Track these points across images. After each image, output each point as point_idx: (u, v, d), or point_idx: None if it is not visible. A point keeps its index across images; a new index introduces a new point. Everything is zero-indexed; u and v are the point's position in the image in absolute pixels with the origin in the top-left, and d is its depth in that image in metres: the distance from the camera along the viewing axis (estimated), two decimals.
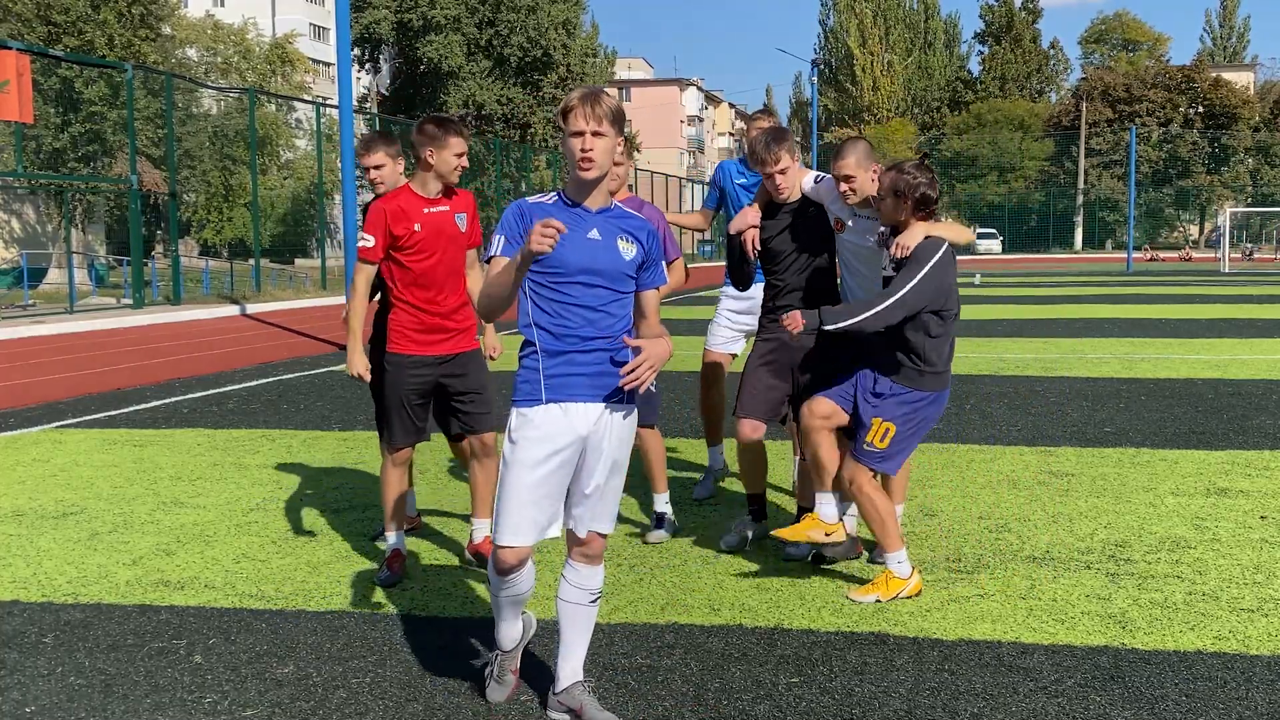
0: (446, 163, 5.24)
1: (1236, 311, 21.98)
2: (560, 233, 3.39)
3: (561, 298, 3.65)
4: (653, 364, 3.59)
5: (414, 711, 3.94)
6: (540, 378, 3.68)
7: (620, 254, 3.69)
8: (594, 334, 3.67)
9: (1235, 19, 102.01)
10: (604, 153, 3.62)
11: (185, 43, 47.78)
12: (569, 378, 3.67)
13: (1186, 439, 8.67)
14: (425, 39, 53.58)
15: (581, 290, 3.65)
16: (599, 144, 3.60)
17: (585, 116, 3.58)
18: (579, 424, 3.68)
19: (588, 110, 3.58)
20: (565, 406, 3.67)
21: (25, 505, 7.06)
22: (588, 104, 3.58)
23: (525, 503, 3.66)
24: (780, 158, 5.47)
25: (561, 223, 3.42)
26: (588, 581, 3.83)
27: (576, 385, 3.68)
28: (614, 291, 3.70)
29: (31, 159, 33.78)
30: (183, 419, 10.39)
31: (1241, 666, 4.23)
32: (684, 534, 6.16)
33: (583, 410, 3.69)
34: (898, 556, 5.05)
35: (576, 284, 3.65)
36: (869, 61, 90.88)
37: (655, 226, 3.83)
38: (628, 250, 3.71)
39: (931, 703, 3.94)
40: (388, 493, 5.46)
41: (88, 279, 33.43)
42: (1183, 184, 79.73)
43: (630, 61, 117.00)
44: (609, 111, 3.60)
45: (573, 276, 3.64)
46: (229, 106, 42.56)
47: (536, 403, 3.68)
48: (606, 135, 3.60)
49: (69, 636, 4.72)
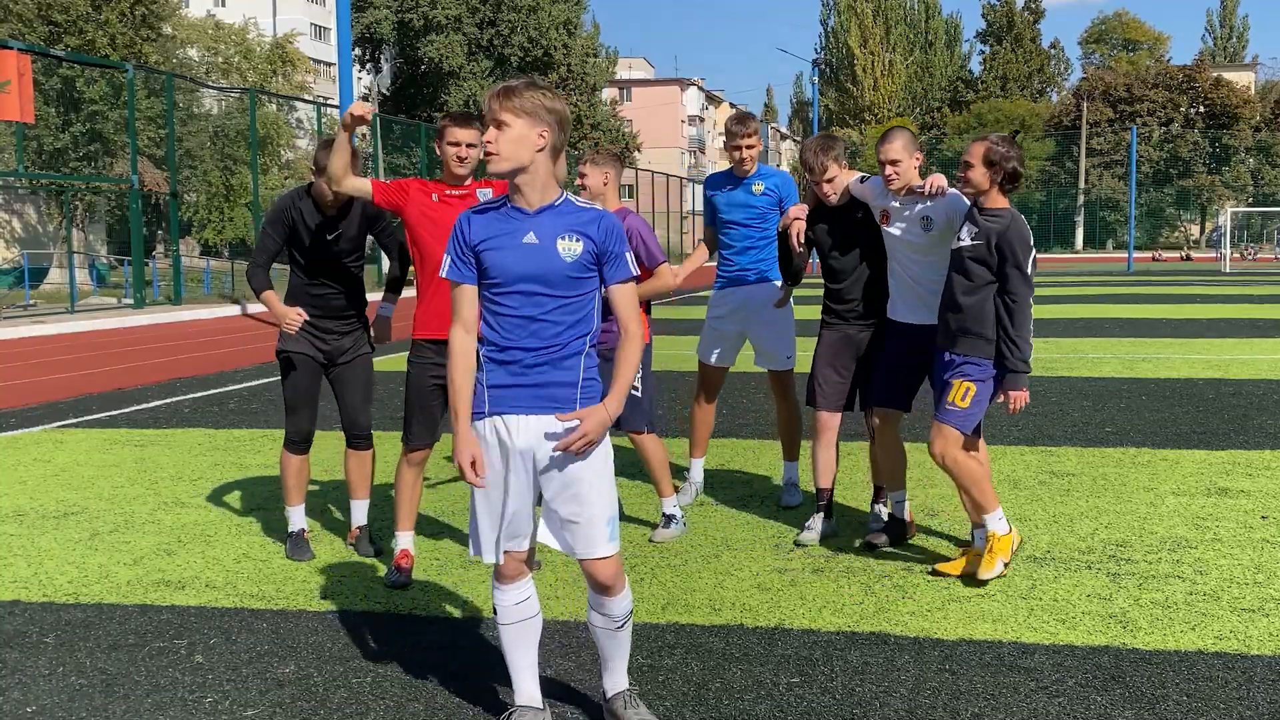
0: (445, 152, 5.34)
1: (1237, 311, 21.97)
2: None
3: (501, 309, 3.50)
4: (590, 438, 3.44)
5: (415, 711, 3.94)
6: (484, 389, 3.57)
7: (560, 255, 3.47)
8: (537, 344, 3.49)
9: (1235, 19, 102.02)
10: (509, 143, 3.42)
11: (186, 42, 47.75)
12: (510, 389, 3.53)
13: (1187, 439, 8.67)
14: (426, 39, 53.59)
15: (521, 300, 3.48)
16: (501, 135, 3.42)
17: (487, 108, 3.45)
18: (519, 439, 3.52)
19: (493, 102, 3.44)
20: (506, 419, 3.54)
21: (26, 505, 7.06)
22: (495, 99, 3.45)
23: (487, 518, 3.59)
24: (828, 167, 5.75)
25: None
26: (607, 608, 3.64)
27: (518, 397, 3.52)
28: (558, 297, 3.49)
29: (32, 159, 33.78)
30: (184, 419, 10.39)
31: (1242, 666, 4.23)
32: (684, 534, 6.16)
33: (524, 423, 3.52)
34: (996, 515, 5.26)
35: (515, 293, 3.48)
36: (870, 61, 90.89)
37: (619, 222, 3.59)
38: (570, 249, 3.48)
39: (932, 703, 3.94)
40: (399, 492, 5.51)
41: (89, 279, 33.45)
42: (1183, 184, 79.69)
43: (631, 61, 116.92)
44: (520, 105, 3.42)
45: (511, 286, 3.48)
46: (230, 106, 42.54)
47: (480, 416, 3.57)
48: (511, 125, 3.42)
49: (70, 636, 4.72)
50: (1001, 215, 5.15)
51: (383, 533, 6.27)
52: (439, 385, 5.38)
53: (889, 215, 5.63)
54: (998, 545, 5.25)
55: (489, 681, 4.18)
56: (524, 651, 3.70)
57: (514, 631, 3.68)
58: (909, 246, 5.57)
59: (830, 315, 5.99)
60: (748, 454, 8.28)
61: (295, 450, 5.89)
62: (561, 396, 3.53)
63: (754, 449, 8.38)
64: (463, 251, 3.55)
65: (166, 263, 31.16)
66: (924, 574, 5.36)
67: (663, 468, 6.09)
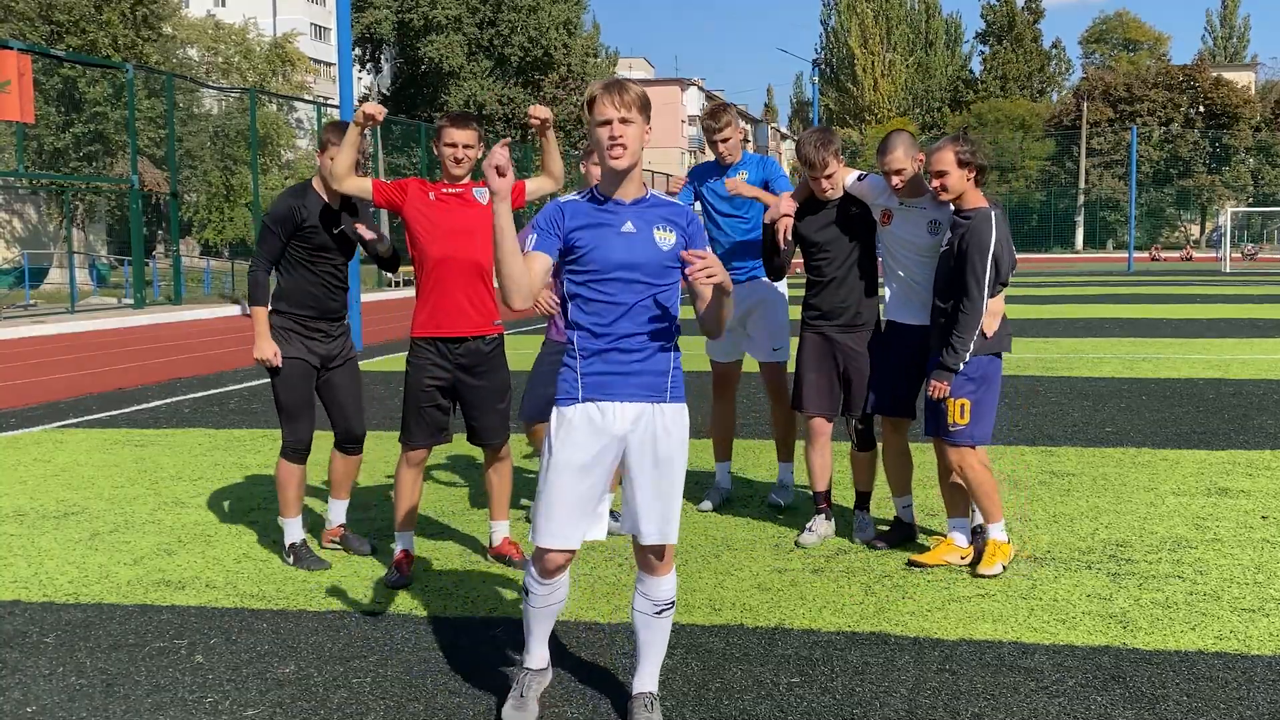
0: (442, 153, 5.33)
1: (1237, 311, 21.96)
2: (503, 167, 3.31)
3: (599, 296, 3.58)
4: (714, 271, 3.44)
5: (415, 711, 3.94)
6: (578, 376, 3.61)
7: (658, 245, 3.60)
8: (633, 330, 3.59)
9: (1235, 19, 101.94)
10: (634, 139, 3.54)
11: (186, 42, 47.76)
12: (607, 376, 3.60)
13: (1187, 439, 8.67)
14: (426, 39, 53.60)
15: (620, 287, 3.57)
16: (628, 130, 3.53)
17: (613, 104, 3.51)
18: (616, 424, 3.60)
19: (614, 98, 3.51)
20: (603, 406, 3.60)
21: (26, 505, 7.06)
22: (613, 92, 3.52)
23: (567, 505, 3.60)
24: (828, 163, 5.60)
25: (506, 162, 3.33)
26: (653, 592, 3.72)
27: (615, 384, 3.60)
28: (654, 285, 3.60)
29: (33, 159, 33.78)
30: (184, 419, 10.39)
31: (1243, 666, 4.23)
32: (684, 534, 6.16)
33: (621, 410, 3.60)
34: (999, 526, 5.38)
35: (614, 280, 3.57)
36: (870, 61, 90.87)
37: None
38: (665, 240, 3.62)
39: (932, 703, 3.94)
40: (399, 493, 5.48)
41: (89, 279, 33.45)
42: (1184, 184, 79.66)
43: (631, 61, 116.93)
44: (636, 99, 3.54)
45: (610, 273, 3.57)
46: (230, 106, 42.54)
47: (574, 402, 3.61)
48: (635, 122, 3.53)
49: (70, 636, 4.72)
50: (971, 216, 5.19)
51: (383, 532, 6.27)
52: (437, 386, 5.37)
53: (891, 215, 5.59)
54: (999, 550, 5.33)
55: (489, 681, 4.18)
56: (545, 624, 3.82)
57: (543, 613, 3.78)
58: (913, 248, 5.54)
59: (814, 316, 5.83)
60: (747, 454, 8.27)
61: (297, 460, 5.73)
62: (656, 385, 3.63)
63: (754, 449, 8.37)
64: (549, 230, 3.60)
65: (166, 263, 31.17)
66: (924, 574, 5.37)
67: None
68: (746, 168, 6.40)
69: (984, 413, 5.29)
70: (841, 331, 5.78)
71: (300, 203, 5.54)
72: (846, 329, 5.77)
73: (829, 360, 5.81)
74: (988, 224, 5.13)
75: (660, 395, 3.63)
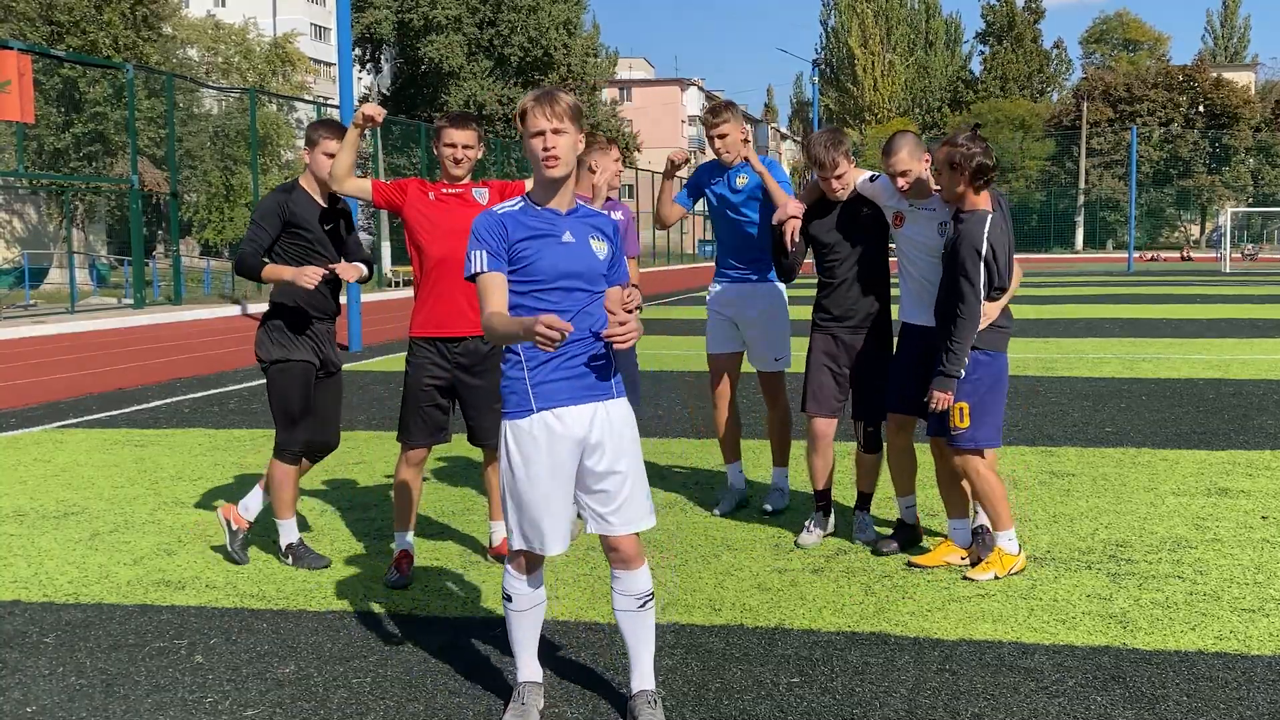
0: (441, 153, 5.34)
1: (1237, 311, 21.97)
2: (564, 335, 3.33)
3: (542, 305, 3.62)
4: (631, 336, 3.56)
5: (415, 711, 3.94)
6: (528, 388, 3.66)
7: (595, 254, 3.70)
8: (576, 337, 3.65)
9: (1236, 19, 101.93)
10: (567, 149, 3.62)
11: (186, 43, 47.73)
12: (557, 384, 3.66)
13: (1187, 439, 8.67)
14: (426, 39, 53.58)
15: (561, 295, 3.64)
16: (561, 141, 3.60)
17: (544, 115, 3.58)
18: (574, 429, 3.67)
19: (546, 109, 3.59)
20: (558, 413, 3.66)
21: (26, 505, 7.06)
22: (544, 103, 3.60)
23: (539, 513, 3.67)
24: (839, 163, 5.59)
25: (565, 327, 3.33)
26: (632, 587, 3.77)
27: (565, 390, 3.66)
28: (591, 293, 3.69)
29: (33, 159, 33.78)
30: (184, 419, 10.39)
31: (1242, 666, 4.23)
32: (684, 534, 6.16)
33: (576, 413, 3.67)
34: (1008, 534, 5.32)
35: (556, 290, 3.64)
36: (870, 61, 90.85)
37: (620, 222, 3.83)
38: (600, 249, 3.72)
39: (932, 703, 3.94)
40: (399, 493, 5.48)
41: (89, 279, 33.44)
42: (1184, 184, 79.64)
43: (631, 61, 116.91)
44: (568, 109, 3.61)
45: (553, 283, 3.63)
46: (230, 106, 42.51)
47: (528, 413, 3.66)
48: (567, 132, 3.61)
49: (70, 636, 4.72)
50: (966, 219, 5.15)
51: (382, 532, 6.27)
52: (436, 386, 5.37)
53: (903, 218, 5.57)
54: (1001, 560, 5.29)
55: (489, 681, 4.18)
56: (532, 634, 3.85)
57: (525, 617, 3.82)
58: (924, 250, 5.51)
59: (824, 318, 5.83)
60: (747, 454, 8.27)
61: (295, 461, 5.70)
62: (602, 385, 3.71)
63: (753, 449, 8.37)
64: (498, 247, 3.63)
65: (166, 263, 31.16)
66: (924, 574, 5.37)
67: None
68: (746, 170, 6.36)
69: (986, 415, 5.23)
70: (851, 333, 5.78)
71: (287, 199, 5.55)
72: (856, 330, 5.77)
73: (837, 362, 5.81)
74: (980, 226, 5.08)
75: (607, 393, 3.73)
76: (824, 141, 5.59)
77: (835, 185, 5.63)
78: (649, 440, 8.79)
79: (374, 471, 7.83)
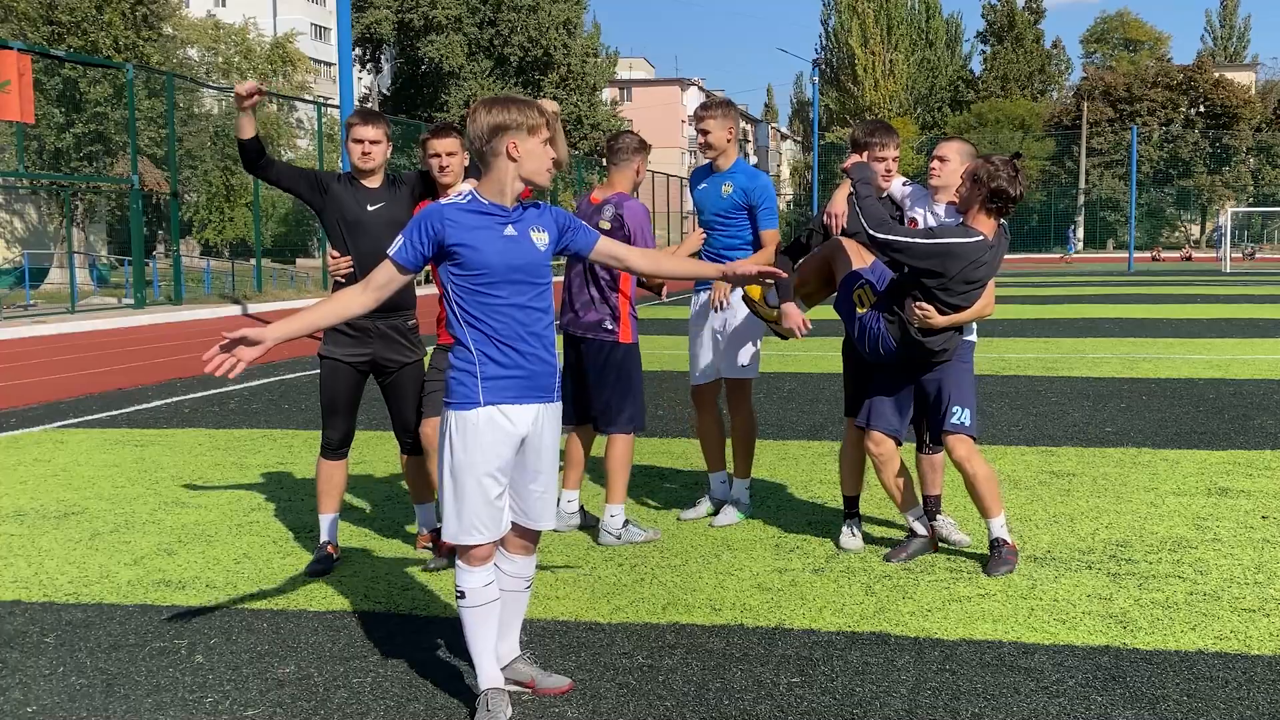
0: (428, 164, 5.50)
1: (1238, 311, 21.96)
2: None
3: (491, 299, 3.70)
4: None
5: (415, 711, 3.94)
6: (477, 380, 3.70)
7: (536, 246, 3.78)
8: (524, 333, 3.73)
9: (1236, 19, 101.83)
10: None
11: (186, 42, 47.73)
12: (506, 380, 3.71)
13: (1188, 439, 8.67)
14: (426, 39, 53.61)
15: (510, 289, 3.71)
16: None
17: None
18: (519, 425, 3.75)
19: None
20: (505, 410, 3.72)
21: (26, 505, 7.06)
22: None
23: (482, 503, 3.73)
24: (888, 145, 5.69)
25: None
26: (524, 570, 4.02)
27: (514, 388, 3.73)
28: (537, 285, 3.78)
29: (34, 159, 33.78)
30: (184, 419, 10.39)
31: (1243, 666, 4.23)
32: (685, 534, 6.16)
33: (522, 412, 3.75)
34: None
35: (504, 283, 3.70)
36: (871, 61, 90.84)
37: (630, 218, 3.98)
38: (541, 240, 3.80)
39: (933, 703, 3.94)
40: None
41: (89, 279, 33.46)
42: (1184, 184, 79.63)
43: (631, 61, 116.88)
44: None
45: (500, 276, 3.69)
46: (230, 106, 42.48)
47: (474, 405, 3.70)
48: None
49: (70, 636, 4.72)
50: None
51: (383, 532, 6.27)
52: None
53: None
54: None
55: None
56: (489, 633, 3.85)
57: (481, 614, 3.82)
58: None
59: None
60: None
61: (330, 456, 5.67)
62: (548, 385, 3.83)
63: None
64: (424, 242, 3.71)
65: (167, 263, 31.14)
66: (924, 574, 5.37)
67: (620, 472, 6.00)
68: (733, 180, 6.22)
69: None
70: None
71: (331, 175, 5.58)
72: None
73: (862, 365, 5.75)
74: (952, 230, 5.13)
75: (550, 395, 3.84)
76: (870, 127, 5.73)
77: (879, 168, 5.64)
78: (649, 440, 8.79)
79: (374, 472, 7.83)
